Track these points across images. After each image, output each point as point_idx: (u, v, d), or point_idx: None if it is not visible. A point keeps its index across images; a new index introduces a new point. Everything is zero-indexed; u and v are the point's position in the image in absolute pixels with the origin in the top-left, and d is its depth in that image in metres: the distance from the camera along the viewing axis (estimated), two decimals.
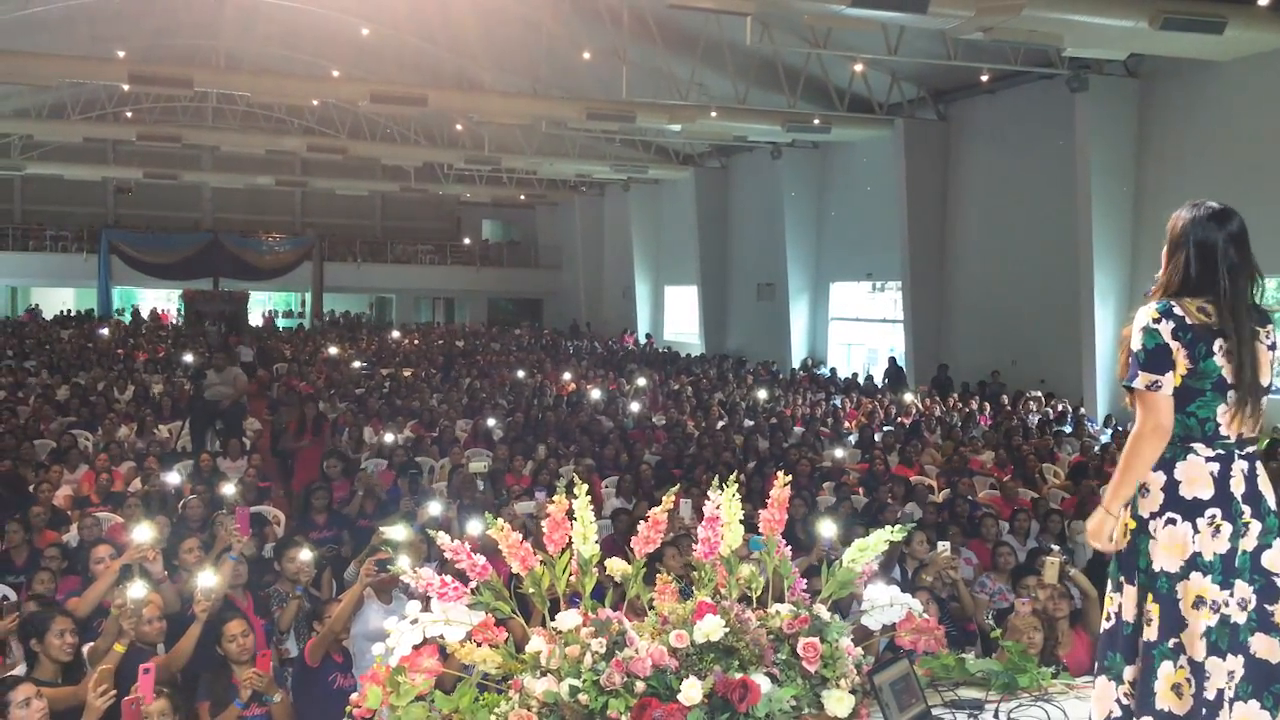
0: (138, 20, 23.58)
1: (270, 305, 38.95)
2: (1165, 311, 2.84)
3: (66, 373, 18.14)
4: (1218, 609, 2.76)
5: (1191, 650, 2.76)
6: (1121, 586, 2.94)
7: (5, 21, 20.96)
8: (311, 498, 8.55)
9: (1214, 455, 2.83)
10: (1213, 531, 2.78)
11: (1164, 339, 2.82)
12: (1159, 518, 2.84)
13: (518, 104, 21.60)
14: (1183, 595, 2.79)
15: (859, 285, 24.03)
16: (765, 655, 2.90)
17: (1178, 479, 2.83)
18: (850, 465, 11.77)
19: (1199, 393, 2.82)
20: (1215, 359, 2.80)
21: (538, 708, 2.75)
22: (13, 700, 4.11)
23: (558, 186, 34.98)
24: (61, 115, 28.02)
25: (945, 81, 19.59)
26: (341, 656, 5.38)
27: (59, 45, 21.55)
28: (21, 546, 7.31)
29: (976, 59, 16.89)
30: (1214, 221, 2.88)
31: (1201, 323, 2.81)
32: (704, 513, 3.25)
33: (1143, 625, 2.85)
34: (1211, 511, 2.79)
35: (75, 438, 11.59)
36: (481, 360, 22.78)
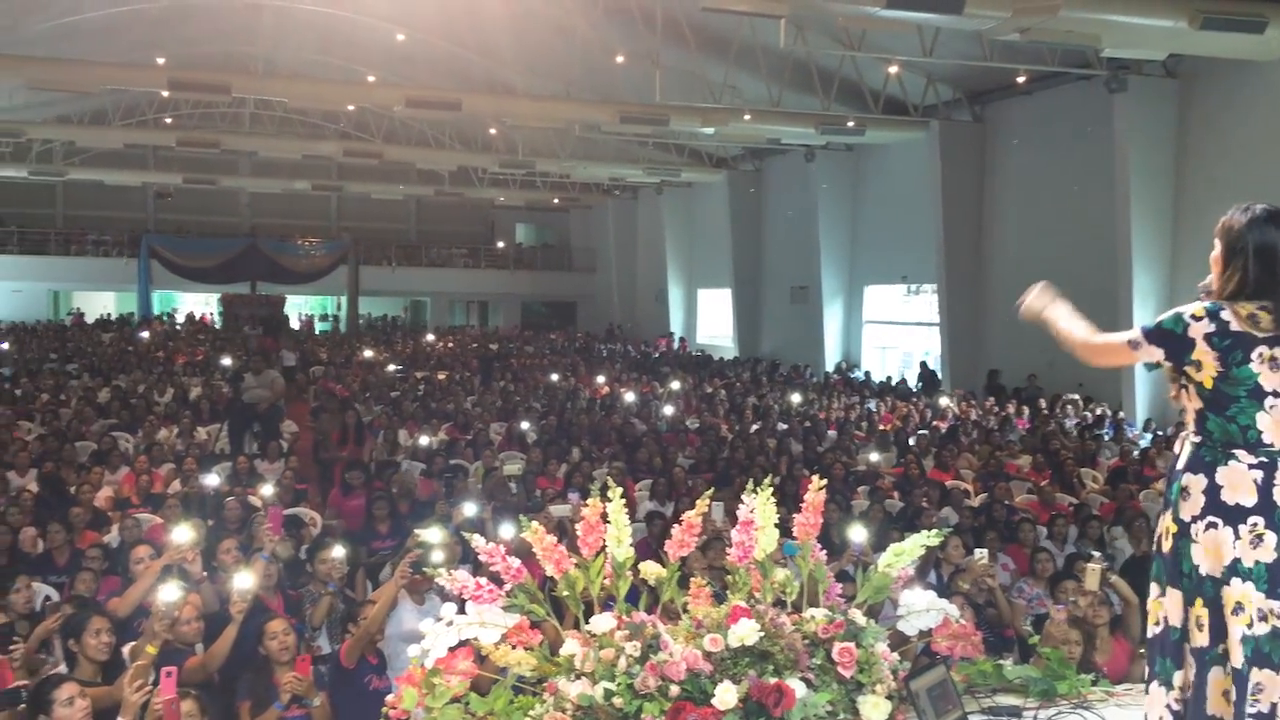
0: (176, 27, 23.87)
1: (307, 309, 39.28)
2: (1212, 313, 2.81)
3: (107, 375, 18.38)
4: (1265, 618, 2.70)
5: (1232, 658, 2.73)
6: (1166, 591, 2.91)
7: (48, 29, 21.30)
8: (373, 508, 8.55)
9: (1257, 463, 2.77)
10: (1254, 539, 2.73)
11: (1187, 333, 2.81)
12: (1200, 521, 2.80)
13: (551, 108, 21.65)
14: (1225, 601, 2.75)
15: (894, 288, 23.88)
16: (800, 660, 2.88)
17: (1219, 483, 2.79)
18: (885, 469, 11.70)
19: (1232, 399, 2.78)
20: (1251, 366, 2.76)
21: (572, 710, 2.75)
22: (57, 698, 4.17)
23: (591, 190, 35.05)
24: (103, 121, 28.45)
25: (981, 83, 19.44)
26: (376, 658, 5.41)
27: (100, 52, 21.84)
28: (63, 547, 7.41)
29: (1013, 60, 16.75)
30: (1272, 224, 2.84)
31: (1245, 331, 2.77)
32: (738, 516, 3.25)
33: (1191, 630, 2.82)
34: (1254, 519, 2.74)
35: (116, 440, 11.72)
36: (515, 363, 22.86)
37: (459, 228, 40.97)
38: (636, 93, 20.39)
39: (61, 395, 15.45)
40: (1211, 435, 2.82)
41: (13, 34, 19.99)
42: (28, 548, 7.43)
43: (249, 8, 23.17)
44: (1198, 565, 2.80)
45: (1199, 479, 2.82)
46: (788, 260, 26.49)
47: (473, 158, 30.14)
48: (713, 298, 31.43)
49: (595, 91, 22.13)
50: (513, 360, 23.60)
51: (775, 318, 27.66)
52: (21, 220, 35.35)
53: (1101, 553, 7.18)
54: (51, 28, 21.36)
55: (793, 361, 24.58)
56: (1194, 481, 2.83)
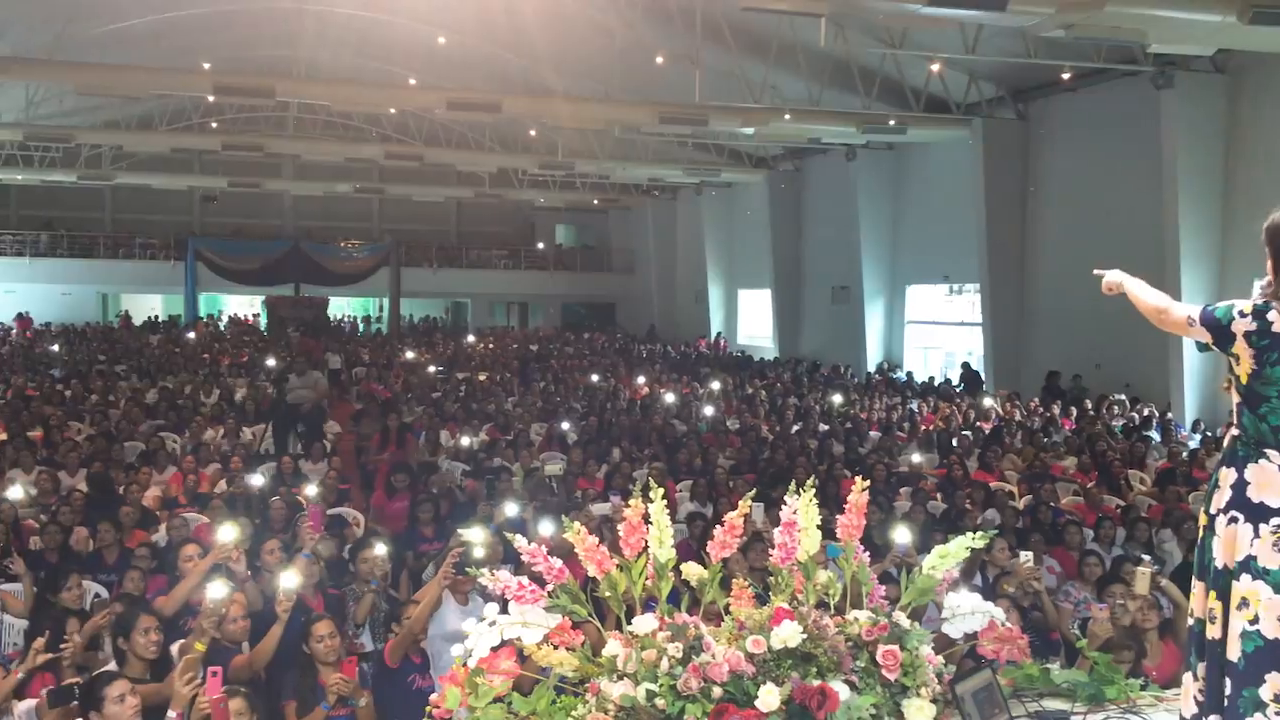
0: (220, 32, 24.17)
1: (349, 310, 39.64)
2: (1259, 312, 2.79)
3: (155, 377, 18.64)
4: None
5: (1229, 650, 2.73)
6: (1194, 583, 2.93)
7: (96, 35, 21.64)
8: (418, 510, 8.60)
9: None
10: (1277, 542, 2.71)
11: (1230, 326, 2.81)
12: (1224, 514, 2.81)
13: (590, 109, 21.69)
14: (1232, 594, 2.75)
15: (936, 288, 23.69)
16: (844, 662, 2.86)
17: (1248, 479, 2.78)
18: (927, 470, 11.61)
19: (1264, 398, 2.78)
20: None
21: (615, 711, 2.75)
22: (108, 695, 4.23)
23: (630, 191, 35.07)
24: (149, 126, 28.88)
25: (1025, 80, 19.23)
26: (420, 657, 5.44)
27: (146, 58, 22.17)
28: (113, 546, 7.52)
29: (1057, 57, 16.54)
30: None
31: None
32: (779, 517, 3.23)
33: (1207, 623, 2.83)
34: (1278, 520, 2.73)
35: (163, 440, 11.88)
36: (555, 364, 22.93)
37: (499, 229, 41.17)
38: (676, 93, 20.37)
39: (110, 396, 15.70)
40: (1246, 431, 2.83)
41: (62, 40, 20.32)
42: (79, 546, 7.55)
43: (291, 12, 23.40)
44: (1215, 557, 2.81)
45: (1230, 472, 2.83)
46: (828, 260, 26.36)
47: (512, 159, 30.26)
48: (753, 298, 31.35)
49: (635, 92, 22.13)
50: (553, 361, 23.67)
51: (816, 318, 27.54)
52: (71, 224, 36.00)
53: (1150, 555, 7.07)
54: (99, 34, 21.70)
55: (833, 362, 24.46)
56: (1225, 475, 2.84)
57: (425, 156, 28.29)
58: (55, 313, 32.70)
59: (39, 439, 11.64)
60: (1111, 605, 5.07)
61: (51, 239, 34.86)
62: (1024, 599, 5.88)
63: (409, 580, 7.15)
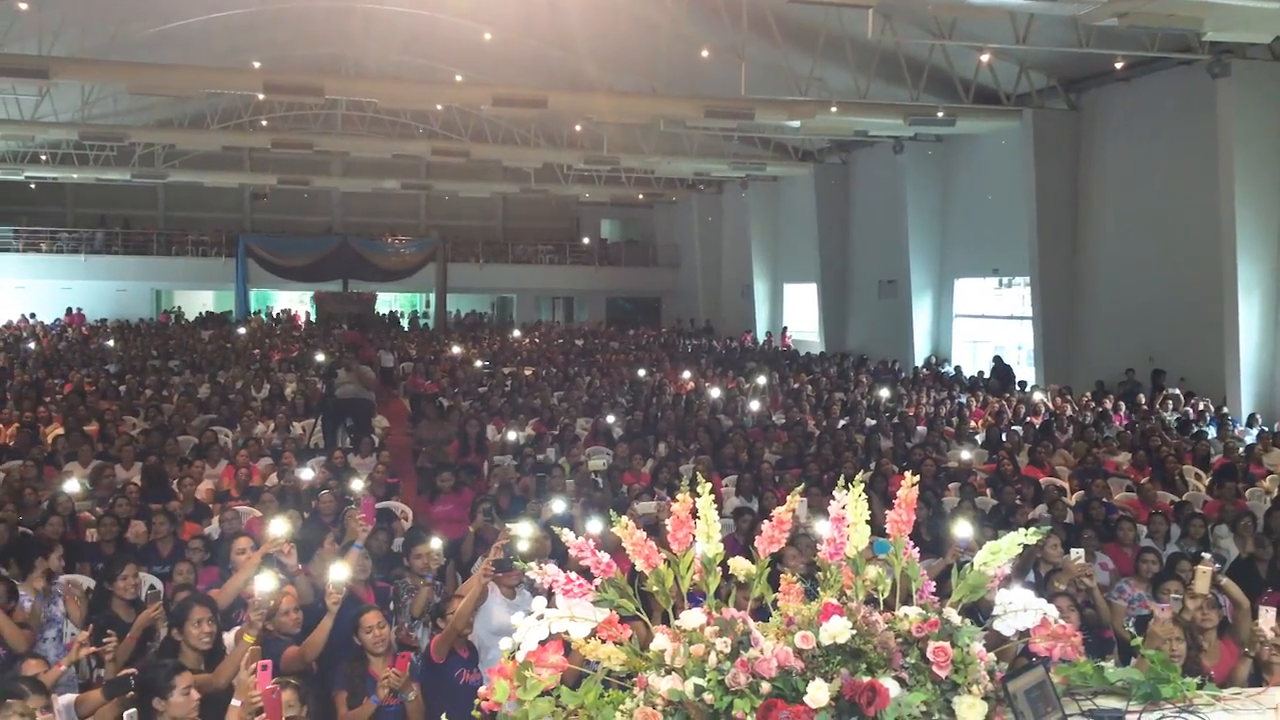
0: (269, 31, 24.45)
1: (396, 305, 39.97)
2: None
3: (207, 372, 18.91)
4: None
5: None
6: None
7: (149, 36, 21.98)
8: (477, 510, 8.62)
9: None
10: None
11: None
12: None
13: (636, 103, 21.69)
14: None
15: (985, 281, 23.43)
16: (894, 659, 2.83)
17: None
18: (977, 466, 11.48)
19: None
20: None
21: (663, 706, 2.74)
22: (177, 685, 4.31)
23: (676, 185, 35.03)
24: (201, 125, 29.32)
25: (1076, 70, 18.94)
26: (467, 652, 5.47)
27: (198, 58, 22.49)
28: (167, 538, 7.64)
29: (1110, 46, 16.28)
30: None
31: None
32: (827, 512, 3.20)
33: None
34: None
35: (216, 434, 12.06)
36: (601, 359, 22.96)
37: (544, 224, 41.31)
38: (721, 87, 20.31)
39: (164, 391, 15.95)
40: None
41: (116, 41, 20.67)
42: (135, 539, 7.68)
43: (339, 10, 23.63)
44: None
45: None
46: (875, 254, 26.17)
47: (558, 155, 30.36)
48: (799, 292, 31.19)
49: (680, 86, 22.09)
50: (598, 355, 23.72)
51: (862, 312, 27.35)
52: (126, 221, 36.63)
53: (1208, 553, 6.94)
54: (152, 34, 22.05)
55: (880, 356, 24.27)
56: None
57: (471, 152, 28.44)
58: (110, 309, 33.32)
59: (95, 433, 11.86)
60: (1174, 608, 4.98)
61: (106, 236, 35.51)
62: (1076, 596, 5.80)
63: (457, 574, 7.20)
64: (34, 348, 22.93)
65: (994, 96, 19.61)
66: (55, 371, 18.31)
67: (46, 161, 31.45)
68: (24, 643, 5.53)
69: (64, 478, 9.27)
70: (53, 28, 19.32)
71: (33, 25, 18.70)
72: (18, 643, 5.47)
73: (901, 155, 23.79)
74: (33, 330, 28.23)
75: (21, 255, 34.37)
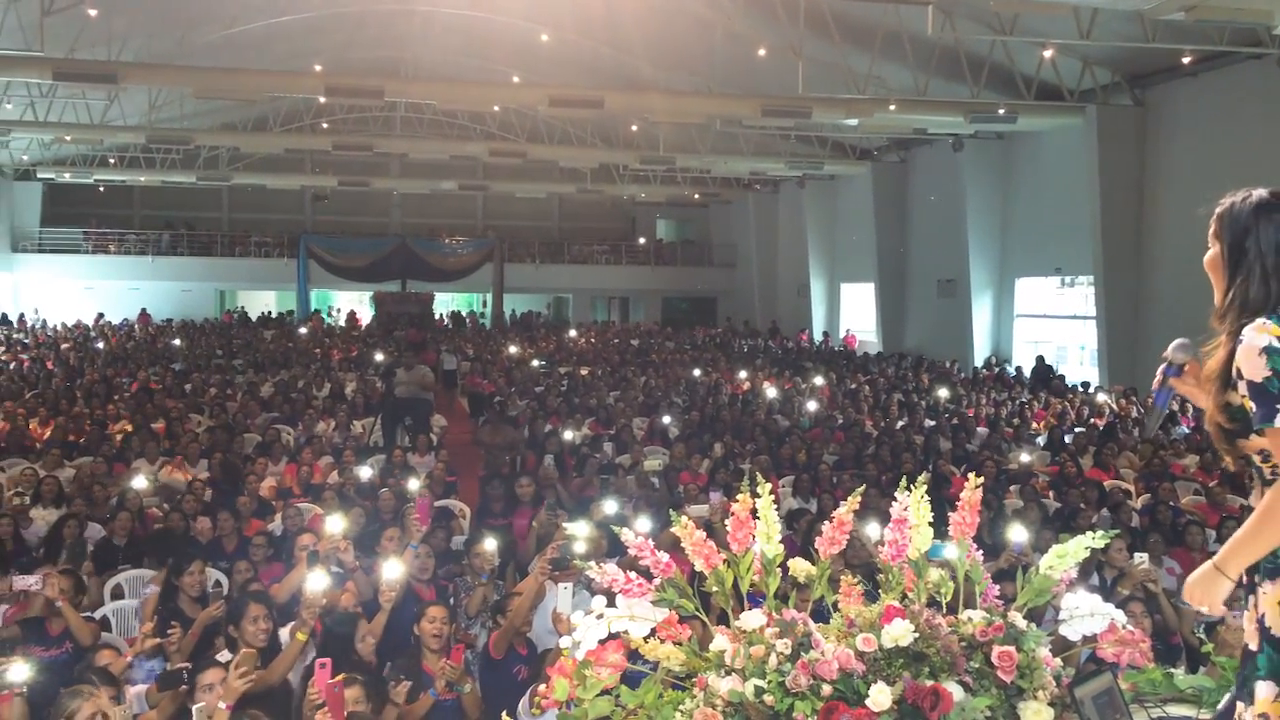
0: (330, 35, 24.77)
1: (454, 305, 40.30)
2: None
3: (270, 371, 19.21)
4: None
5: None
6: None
7: (213, 41, 22.39)
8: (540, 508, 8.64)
9: None
10: None
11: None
12: None
13: (692, 103, 21.66)
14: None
15: (1047, 280, 23.06)
16: (957, 663, 2.79)
17: None
18: (1039, 468, 11.30)
19: None
20: None
21: (722, 706, 2.73)
22: (199, 683, 4.39)
23: (731, 185, 34.92)
24: (264, 128, 29.81)
25: (1142, 65, 18.57)
26: (526, 649, 5.50)
27: (261, 62, 22.86)
28: (232, 534, 7.77)
29: (1177, 40, 15.94)
30: None
31: None
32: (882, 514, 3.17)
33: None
34: None
35: (279, 432, 12.24)
36: (656, 358, 22.97)
37: (600, 224, 41.41)
38: (778, 85, 20.21)
39: (228, 390, 16.23)
40: None
41: (182, 47, 21.09)
42: (202, 535, 7.82)
43: (398, 13, 23.88)
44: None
45: None
46: (934, 253, 25.87)
47: (614, 155, 30.41)
48: (856, 292, 30.94)
49: (736, 85, 22.03)
50: (654, 355, 23.72)
51: (920, 312, 27.06)
52: (190, 223, 37.36)
53: None
54: (216, 40, 22.45)
55: (939, 356, 23.99)
56: None
57: (528, 153, 28.59)
58: (175, 309, 34.00)
59: (162, 431, 12.10)
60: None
61: (172, 238, 36.22)
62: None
63: (515, 573, 7.24)
64: (102, 347, 23.46)
65: (1057, 93, 19.30)
66: (123, 370, 18.71)
67: (115, 165, 32.17)
68: (90, 636, 5.65)
69: (132, 474, 9.47)
70: (121, 34, 19.76)
71: (102, 32, 19.12)
72: (84, 636, 5.60)
73: (961, 153, 23.50)
74: (101, 330, 28.89)
75: (90, 256, 35.20)
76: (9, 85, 21.69)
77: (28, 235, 34.26)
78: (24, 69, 17.82)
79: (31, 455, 11.05)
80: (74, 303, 33.64)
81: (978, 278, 23.80)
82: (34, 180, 33.47)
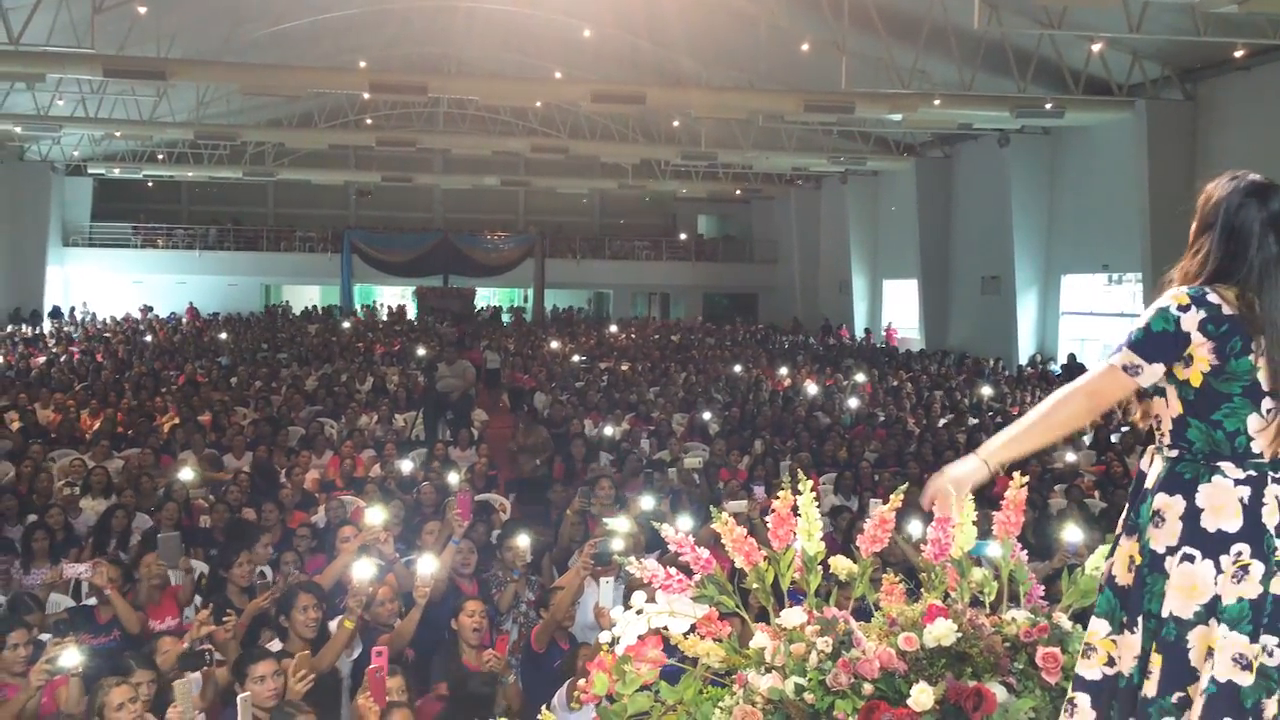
0: (373, 31, 24.98)
1: (495, 300, 40.48)
2: (1197, 298, 2.37)
3: (314, 365, 19.38)
4: (1249, 665, 2.23)
5: (1195, 709, 2.26)
6: (1122, 631, 2.44)
7: (260, 37, 22.66)
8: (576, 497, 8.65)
9: (1244, 478, 2.31)
10: (1237, 572, 2.27)
11: (1179, 327, 2.35)
12: (1175, 554, 2.34)
13: (734, 98, 21.59)
14: (1194, 644, 2.29)
15: (1094, 278, 22.75)
16: (1001, 663, 2.76)
17: (1200, 506, 2.33)
18: (1085, 467, 11.16)
19: (1225, 397, 2.32)
20: (1250, 358, 2.31)
21: (762, 704, 2.71)
22: (250, 674, 4.43)
23: (773, 180, 34.76)
24: (309, 124, 30.15)
25: (1193, 59, 18.26)
26: (567, 643, 5.51)
27: (306, 58, 23.08)
28: (276, 526, 7.85)
29: (1229, 33, 15.65)
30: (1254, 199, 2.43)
31: (1242, 314, 2.32)
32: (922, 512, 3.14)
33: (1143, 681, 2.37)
34: (1238, 548, 2.28)
35: (322, 425, 12.35)
36: (697, 354, 22.92)
37: (641, 220, 41.41)
38: (821, 80, 20.11)
39: (273, 383, 16.39)
40: (1191, 446, 2.37)
41: (229, 43, 21.35)
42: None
43: (441, 9, 24.02)
44: (1164, 605, 2.34)
45: (1176, 501, 2.36)
46: (978, 249, 25.61)
47: (655, 150, 30.39)
48: (898, 288, 30.71)
49: (779, 80, 21.94)
50: (694, 351, 23.68)
51: (964, 309, 26.80)
52: (236, 218, 37.84)
53: None
54: (262, 36, 22.72)
55: (982, 354, 23.75)
56: (1168, 504, 2.37)
57: (570, 149, 28.64)
58: (221, 303, 34.46)
59: (208, 423, 12.25)
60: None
61: (219, 233, 36.68)
62: None
63: (552, 566, 7.26)
64: (150, 340, 23.80)
65: (1105, 87, 19.03)
66: (170, 363, 18.97)
67: (163, 160, 32.65)
68: (138, 624, 5.74)
69: (179, 466, 9.60)
70: (170, 31, 20.04)
71: (151, 29, 19.40)
72: (132, 624, 5.68)
73: (1007, 148, 23.24)
74: (149, 323, 29.32)
75: (139, 251, 35.72)
76: (61, 82, 22.05)
77: (78, 230, 34.84)
78: (75, 66, 18.12)
79: (81, 446, 11.23)
80: (123, 296, 34.19)
81: (1023, 274, 23.55)
82: (84, 176, 34.02)
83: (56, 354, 20.81)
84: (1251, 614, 2.25)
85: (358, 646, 5.35)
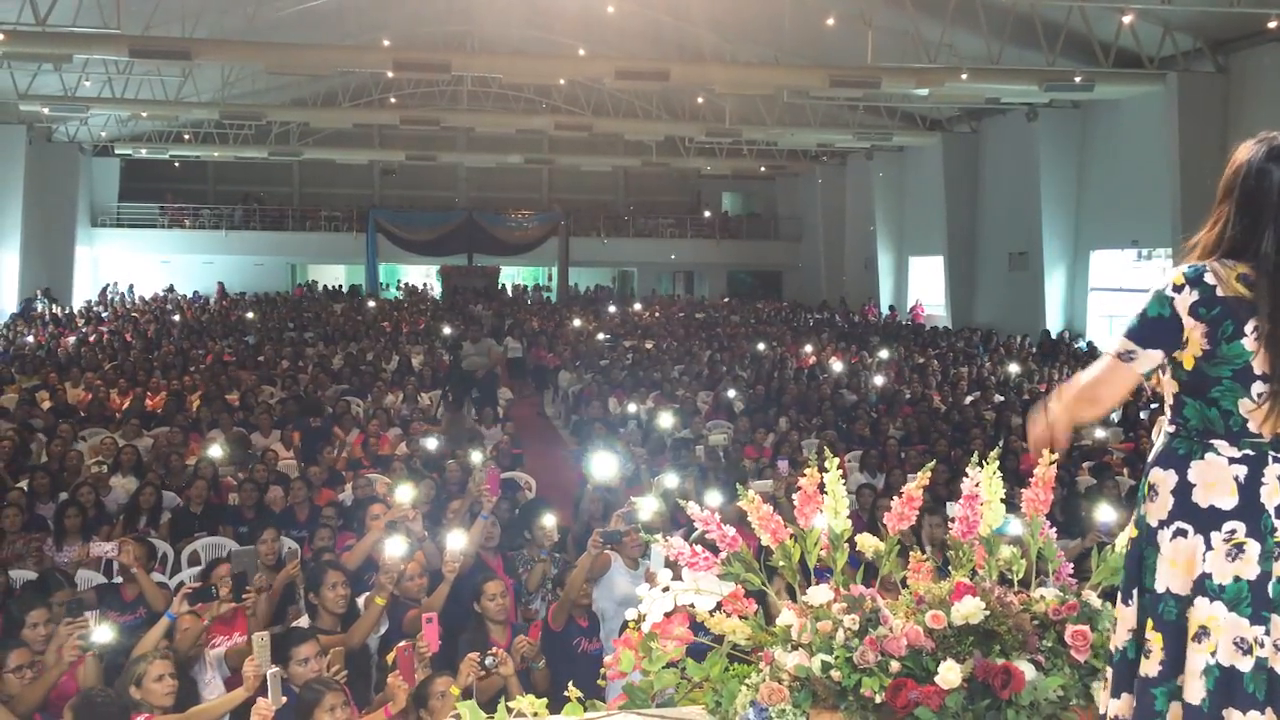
0: (398, 9, 24.92)
1: (519, 279, 40.51)
2: (1193, 279, 2.31)
3: (340, 344, 19.48)
4: (1249, 649, 2.20)
5: (1187, 692, 2.23)
6: (1118, 604, 2.45)
7: (284, 16, 22.65)
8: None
9: (1240, 456, 2.27)
10: (1232, 550, 2.23)
11: (1175, 311, 2.31)
12: (1167, 527, 2.32)
13: (759, 74, 21.43)
14: (1189, 624, 2.26)
15: (1123, 253, 22.51)
16: (1029, 641, 2.74)
17: (1192, 481, 2.30)
18: (1113, 445, 11.08)
19: (1214, 381, 2.28)
20: (1244, 342, 2.24)
21: (789, 681, 2.71)
22: (294, 656, 4.48)
23: (798, 157, 34.53)
24: (333, 103, 30.14)
25: (1225, 30, 17.95)
26: (586, 621, 5.52)
27: (330, 37, 23.06)
28: (304, 504, 7.91)
29: (1262, 4, 15.40)
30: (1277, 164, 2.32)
31: (1236, 295, 2.25)
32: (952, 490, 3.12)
33: (1140, 657, 2.34)
34: (1231, 525, 2.24)
35: (349, 403, 12.41)
36: (721, 332, 22.88)
37: (666, 198, 41.25)
38: (846, 55, 19.90)
39: (299, 362, 16.49)
40: (1187, 423, 2.34)
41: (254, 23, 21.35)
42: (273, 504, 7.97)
43: None
44: (1158, 580, 2.32)
45: (1168, 475, 2.34)
46: (1005, 225, 25.36)
47: (679, 127, 30.19)
48: (924, 265, 30.49)
49: (804, 55, 21.75)
50: (719, 329, 23.64)
51: (991, 285, 26.58)
52: (262, 198, 37.99)
53: None
54: (286, 15, 22.71)
55: (1010, 331, 23.57)
56: (1162, 478, 2.35)
57: (594, 126, 28.53)
58: (248, 282, 34.65)
59: (236, 402, 12.34)
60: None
61: (245, 213, 36.85)
62: None
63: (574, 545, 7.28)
64: (178, 319, 23.98)
65: (1135, 60, 18.75)
66: (198, 343, 19.12)
67: (189, 140, 32.77)
68: (163, 601, 5.80)
69: (207, 444, 9.68)
70: (195, 11, 20.05)
71: (175, 9, 19.43)
72: (157, 601, 5.74)
73: (1035, 123, 22.98)
74: (177, 303, 29.54)
75: (166, 231, 35.93)
76: (87, 63, 22.14)
77: (106, 210, 35.06)
78: (101, 46, 18.18)
79: (111, 425, 11.35)
80: (151, 276, 34.43)
81: (1051, 250, 23.32)
82: (112, 156, 34.20)
83: (86, 333, 21.01)
84: (1251, 595, 2.21)
85: (384, 623, 5.39)
